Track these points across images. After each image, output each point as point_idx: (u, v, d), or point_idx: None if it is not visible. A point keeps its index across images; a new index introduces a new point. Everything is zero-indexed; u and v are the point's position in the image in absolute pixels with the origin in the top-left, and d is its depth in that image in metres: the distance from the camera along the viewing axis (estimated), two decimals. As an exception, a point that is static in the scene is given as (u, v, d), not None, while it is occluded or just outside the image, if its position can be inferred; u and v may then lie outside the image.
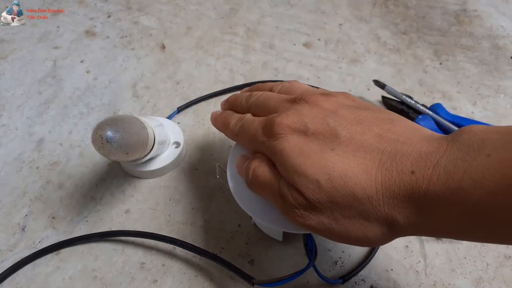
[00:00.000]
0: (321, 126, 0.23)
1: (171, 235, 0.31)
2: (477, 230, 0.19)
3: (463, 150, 0.19)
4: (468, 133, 0.19)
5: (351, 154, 0.22)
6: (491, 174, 0.17)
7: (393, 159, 0.21)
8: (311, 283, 0.30)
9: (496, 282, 0.30)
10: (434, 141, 0.21)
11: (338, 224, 0.21)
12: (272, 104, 0.27)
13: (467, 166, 0.18)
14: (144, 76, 0.45)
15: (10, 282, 0.30)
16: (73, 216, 0.33)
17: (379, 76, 0.46)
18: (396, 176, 0.20)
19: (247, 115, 0.29)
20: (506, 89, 0.45)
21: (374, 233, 0.21)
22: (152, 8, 0.55)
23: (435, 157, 0.19)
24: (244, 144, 0.28)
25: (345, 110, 0.24)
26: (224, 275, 0.30)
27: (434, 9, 0.56)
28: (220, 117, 0.31)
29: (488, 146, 0.18)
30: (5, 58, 0.47)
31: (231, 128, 0.29)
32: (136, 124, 0.30)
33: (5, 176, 0.36)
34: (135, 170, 0.35)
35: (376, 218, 0.21)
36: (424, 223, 0.20)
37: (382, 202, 0.20)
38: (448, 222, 0.19)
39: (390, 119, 0.24)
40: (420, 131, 0.22)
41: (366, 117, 0.24)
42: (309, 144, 0.23)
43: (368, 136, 0.22)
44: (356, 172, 0.21)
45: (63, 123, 0.40)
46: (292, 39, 0.51)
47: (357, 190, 0.20)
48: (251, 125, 0.27)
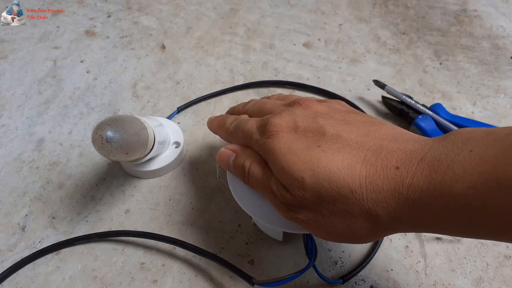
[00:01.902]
0: (310, 124, 0.24)
1: (171, 235, 0.31)
2: (459, 224, 0.19)
3: (448, 147, 0.19)
4: (455, 134, 0.20)
5: (336, 151, 0.22)
6: (472, 168, 0.18)
7: (378, 156, 0.21)
8: (311, 283, 0.30)
9: (496, 282, 0.30)
10: (421, 140, 0.21)
11: (324, 219, 0.22)
12: (268, 107, 0.29)
13: (450, 160, 0.19)
14: (144, 76, 0.45)
15: (10, 282, 0.30)
16: (73, 216, 0.33)
17: (379, 76, 0.46)
18: (380, 171, 0.21)
19: (243, 115, 0.30)
20: (506, 89, 0.45)
21: (359, 228, 0.21)
22: (152, 8, 0.55)
23: (420, 153, 0.20)
24: (237, 142, 0.29)
25: (336, 113, 0.26)
26: (224, 275, 0.30)
27: (434, 9, 0.56)
28: (216, 119, 0.33)
29: (472, 143, 0.19)
30: (5, 58, 0.47)
31: (226, 127, 0.30)
32: (136, 124, 0.30)
33: (5, 176, 0.36)
34: (135, 170, 0.35)
35: (360, 212, 0.21)
36: (408, 218, 0.20)
37: (366, 197, 0.21)
38: (431, 216, 0.19)
39: (378, 122, 0.25)
40: (407, 133, 0.23)
41: (355, 120, 0.25)
42: (297, 141, 0.24)
43: (355, 134, 0.23)
44: (340, 167, 0.21)
45: (63, 123, 0.40)
46: (292, 39, 0.51)
47: (341, 185, 0.21)
48: (246, 123, 0.28)
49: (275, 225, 0.26)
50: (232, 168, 0.28)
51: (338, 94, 0.44)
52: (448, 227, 0.20)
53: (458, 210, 0.18)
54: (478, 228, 0.19)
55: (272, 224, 0.26)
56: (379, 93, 0.43)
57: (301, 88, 0.45)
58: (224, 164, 0.29)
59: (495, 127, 0.20)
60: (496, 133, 0.19)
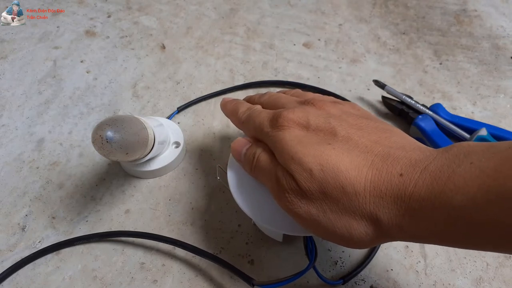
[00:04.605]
0: (322, 124, 0.25)
1: (171, 235, 0.31)
2: (459, 236, 0.19)
3: (450, 158, 0.20)
4: (458, 146, 0.21)
5: (346, 151, 0.23)
6: (472, 180, 0.18)
7: (384, 162, 0.22)
8: (311, 283, 0.30)
9: (496, 282, 0.30)
10: (427, 151, 0.22)
11: (325, 217, 0.22)
12: (283, 101, 0.29)
13: (451, 172, 0.19)
14: (144, 76, 0.45)
15: (10, 282, 0.30)
16: (73, 216, 0.33)
17: (379, 76, 0.46)
18: (385, 177, 0.21)
19: (257, 106, 0.30)
20: (506, 89, 0.45)
21: (358, 231, 0.22)
22: (152, 8, 0.55)
23: (424, 163, 0.20)
24: (248, 132, 0.29)
25: (348, 116, 0.26)
26: (224, 275, 0.30)
27: (434, 9, 0.56)
28: (230, 103, 0.33)
29: (473, 156, 0.19)
30: (5, 58, 0.47)
31: (239, 115, 0.30)
32: (136, 124, 0.30)
33: (5, 176, 0.36)
34: (135, 170, 0.35)
35: (361, 215, 0.21)
36: (408, 226, 0.20)
37: (368, 200, 0.21)
38: (431, 226, 0.20)
39: (389, 130, 0.25)
40: (416, 143, 0.24)
41: (366, 125, 0.25)
42: (308, 136, 0.24)
43: (365, 139, 0.23)
44: (348, 167, 0.22)
45: (63, 123, 0.40)
46: (292, 39, 0.51)
47: (347, 185, 0.21)
48: (258, 114, 0.28)
49: (275, 226, 0.26)
50: (243, 157, 0.28)
51: (338, 94, 0.44)
52: (448, 238, 0.20)
53: (458, 222, 0.18)
54: (478, 240, 0.19)
55: (272, 226, 0.26)
56: (379, 93, 0.43)
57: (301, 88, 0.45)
58: (236, 153, 0.28)
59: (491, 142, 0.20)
60: (497, 147, 0.19)
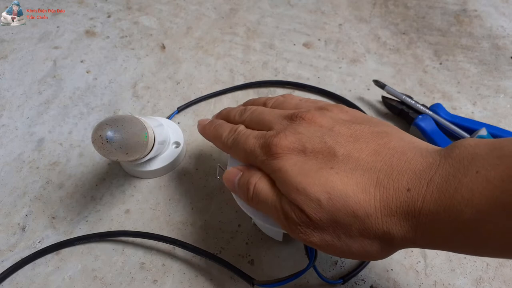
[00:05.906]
0: (319, 145, 0.24)
1: (171, 235, 0.31)
2: (470, 246, 0.19)
3: (455, 166, 0.19)
4: (460, 147, 0.20)
5: (349, 173, 0.22)
6: (480, 192, 0.18)
7: (389, 177, 0.21)
8: (311, 283, 0.30)
9: (496, 282, 0.30)
10: (429, 156, 0.21)
11: (340, 241, 0.22)
12: (267, 118, 0.27)
13: (458, 183, 0.19)
14: (144, 76, 0.45)
15: (10, 282, 0.30)
16: (73, 216, 0.33)
17: (379, 76, 0.46)
18: (393, 194, 0.21)
19: (240, 126, 0.28)
20: (506, 89, 0.45)
21: (375, 248, 0.22)
22: (152, 8, 0.55)
23: (428, 174, 0.20)
24: (238, 158, 0.28)
25: (341, 126, 0.25)
26: (224, 275, 0.30)
27: (434, 9, 0.56)
28: (209, 126, 0.31)
29: (477, 162, 0.19)
30: (5, 58, 0.47)
31: (223, 141, 0.28)
32: (136, 124, 0.30)
33: (5, 176, 0.36)
34: (135, 170, 0.35)
35: (375, 235, 0.21)
36: (421, 239, 0.20)
37: (381, 220, 0.21)
38: (443, 238, 0.20)
39: (386, 132, 0.24)
40: (415, 144, 0.23)
41: (362, 132, 0.24)
42: (308, 162, 0.23)
43: (365, 153, 0.23)
44: (356, 191, 0.21)
45: (63, 123, 0.40)
46: (292, 39, 0.51)
47: (358, 209, 0.21)
48: (246, 140, 0.26)
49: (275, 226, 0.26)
50: (237, 186, 0.26)
51: (338, 94, 0.44)
52: (460, 247, 0.20)
53: (469, 234, 0.19)
54: (490, 249, 0.19)
55: (272, 225, 0.26)
56: (379, 93, 0.43)
57: (301, 88, 0.45)
58: (230, 184, 0.27)
59: (498, 139, 0.20)
60: (501, 149, 0.19)
